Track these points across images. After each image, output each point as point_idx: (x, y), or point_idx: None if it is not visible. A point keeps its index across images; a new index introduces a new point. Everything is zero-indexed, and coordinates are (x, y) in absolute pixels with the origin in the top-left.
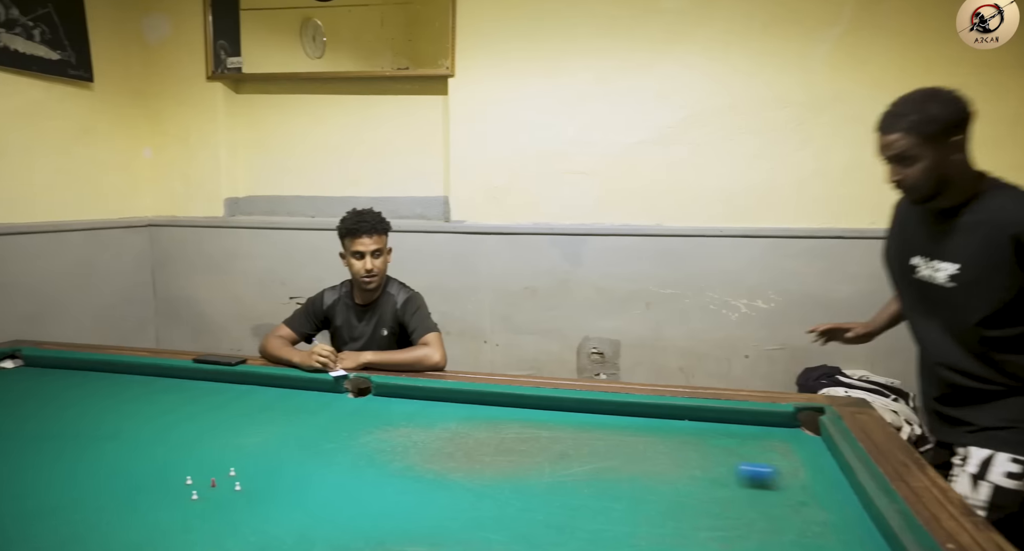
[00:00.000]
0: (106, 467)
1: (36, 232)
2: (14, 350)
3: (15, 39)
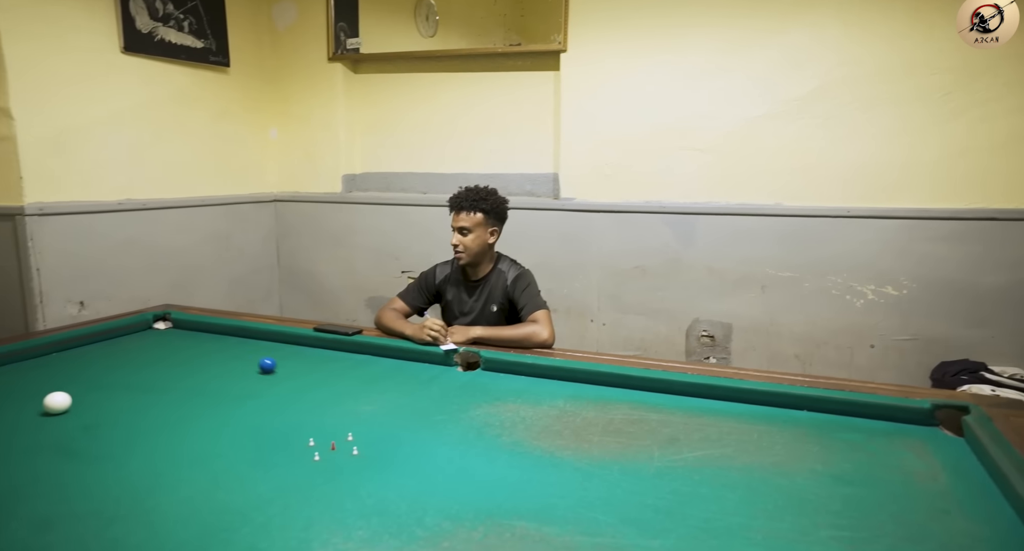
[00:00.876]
0: (241, 424)
1: (182, 206)
2: (165, 313)
3: (169, 31)
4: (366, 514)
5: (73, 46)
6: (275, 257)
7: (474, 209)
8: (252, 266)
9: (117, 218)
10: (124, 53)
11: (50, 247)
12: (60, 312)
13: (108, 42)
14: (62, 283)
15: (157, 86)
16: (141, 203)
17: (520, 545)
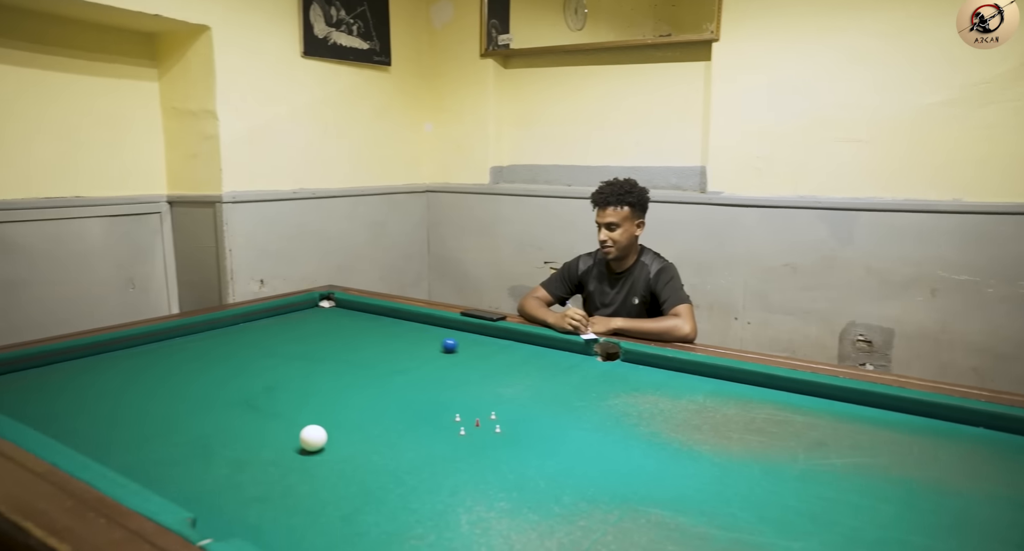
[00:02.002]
0: (394, 396)
1: (346, 195)
2: (330, 293)
3: (340, 35)
4: (507, 488)
5: (264, 53)
6: (425, 245)
7: (621, 203)
8: (404, 252)
9: (292, 206)
10: (303, 57)
11: (239, 231)
12: (245, 288)
13: (291, 48)
14: (248, 263)
15: (328, 86)
16: (312, 192)
17: (655, 531)
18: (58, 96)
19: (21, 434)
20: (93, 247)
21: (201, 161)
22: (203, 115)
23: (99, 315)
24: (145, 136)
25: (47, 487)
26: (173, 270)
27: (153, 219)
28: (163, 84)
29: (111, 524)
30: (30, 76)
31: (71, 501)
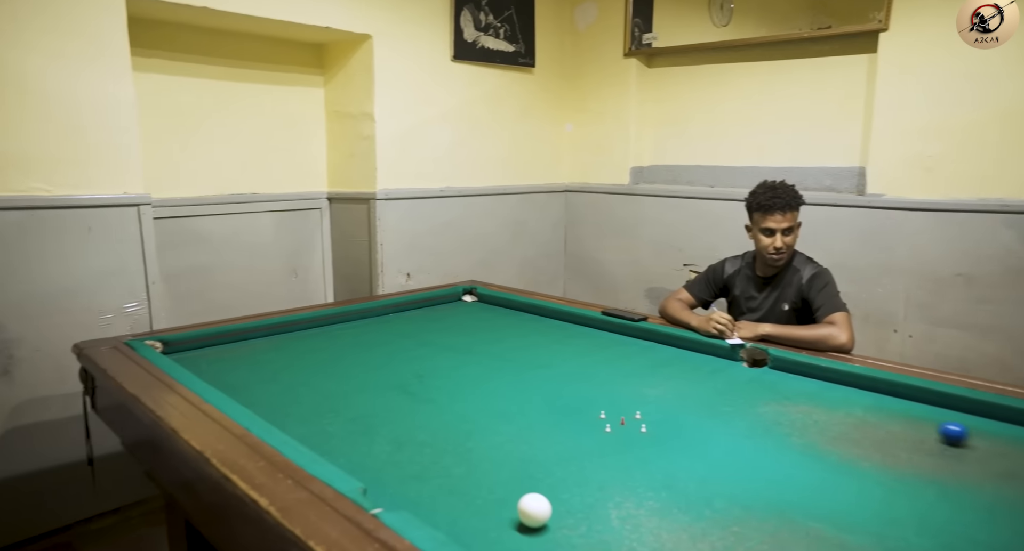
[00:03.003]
0: (539, 390)
1: (488, 194)
2: (472, 287)
3: (488, 39)
4: (655, 487)
5: (417, 58)
6: (562, 244)
7: (793, 207)
8: (542, 251)
9: (438, 203)
10: (453, 61)
11: (390, 226)
12: (393, 280)
13: (442, 52)
14: (396, 256)
15: (474, 88)
16: (458, 191)
17: (816, 546)
18: (239, 104)
19: (221, 400)
20: (264, 239)
21: (358, 160)
22: (361, 117)
23: (268, 300)
24: (311, 138)
25: (244, 448)
26: (330, 262)
27: (314, 214)
28: (328, 90)
29: (297, 485)
30: (215, 87)
31: (263, 462)
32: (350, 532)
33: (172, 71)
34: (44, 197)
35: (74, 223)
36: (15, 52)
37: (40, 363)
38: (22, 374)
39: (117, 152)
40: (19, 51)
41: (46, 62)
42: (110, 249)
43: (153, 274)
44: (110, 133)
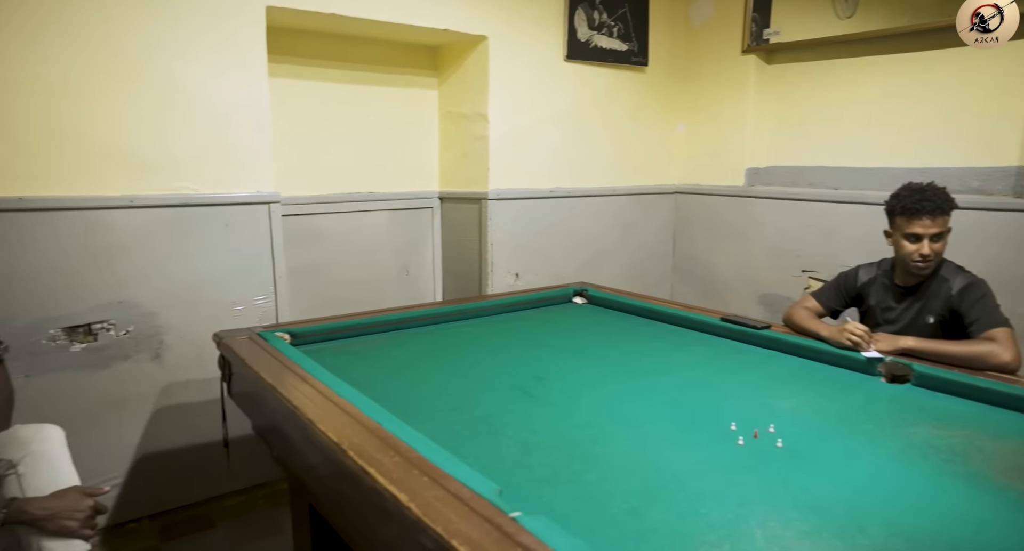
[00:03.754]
0: (661, 397)
1: (597, 195)
2: (583, 289)
3: (602, 38)
4: (800, 508)
5: (530, 58)
6: (671, 246)
7: (944, 211)
8: (649, 253)
9: (547, 204)
10: (566, 61)
11: (500, 226)
12: (502, 280)
13: (555, 52)
14: (505, 256)
15: (586, 88)
16: (567, 191)
17: None
18: (358, 106)
19: (352, 394)
20: (378, 237)
21: (470, 160)
22: (475, 118)
23: (380, 296)
24: (424, 138)
25: (377, 442)
26: (439, 260)
27: (426, 213)
28: (442, 91)
29: (433, 483)
30: (337, 90)
31: (398, 457)
32: (491, 534)
33: (299, 75)
34: (190, 196)
35: (214, 220)
36: (170, 62)
37: (183, 349)
38: (170, 358)
39: (252, 153)
40: (173, 62)
41: (195, 71)
42: (244, 244)
43: (280, 269)
44: (247, 136)
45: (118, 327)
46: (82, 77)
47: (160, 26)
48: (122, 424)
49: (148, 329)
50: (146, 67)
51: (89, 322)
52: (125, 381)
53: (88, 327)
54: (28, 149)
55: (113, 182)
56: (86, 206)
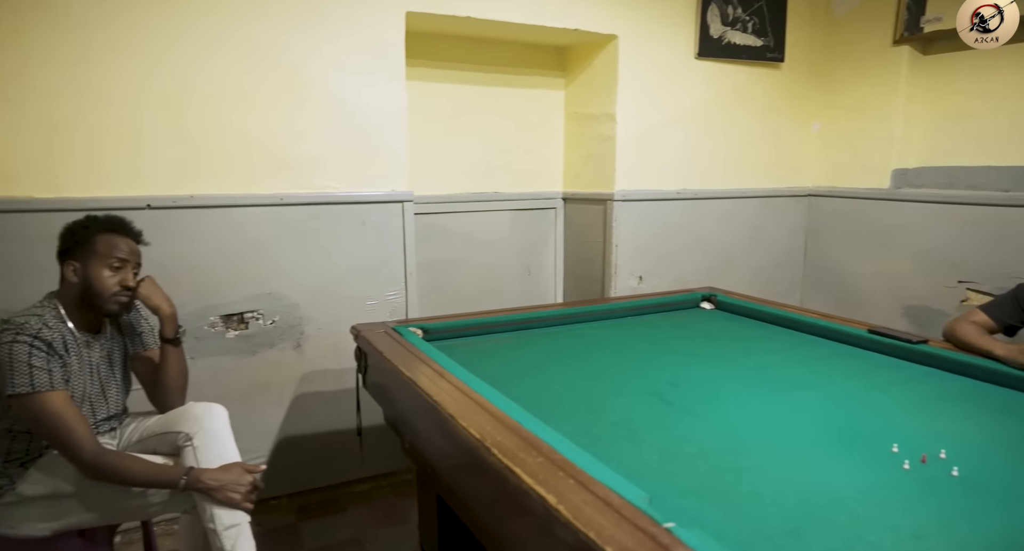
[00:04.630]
0: (807, 411)
1: (724, 198)
2: (711, 294)
3: (735, 34)
4: (992, 547)
5: (660, 57)
6: (802, 252)
7: None
8: (777, 259)
9: (673, 206)
10: (696, 58)
11: (625, 228)
12: (625, 283)
13: (685, 50)
14: (629, 259)
15: (716, 86)
16: (693, 193)
17: None
18: (485, 107)
19: (489, 392)
20: (502, 237)
21: (596, 161)
22: (602, 118)
23: (502, 295)
24: (549, 139)
25: (519, 441)
26: (561, 261)
27: (549, 214)
28: (568, 91)
29: (580, 486)
30: (466, 92)
31: (541, 458)
32: (645, 544)
33: (430, 78)
34: (332, 194)
35: (353, 217)
36: (318, 69)
37: (321, 340)
38: (309, 348)
39: (389, 154)
40: (321, 68)
41: (340, 77)
42: (378, 241)
43: (411, 265)
44: (385, 137)
45: (266, 317)
46: (242, 84)
47: (310, 36)
48: (267, 407)
49: (291, 320)
50: (297, 74)
51: (242, 311)
52: (270, 367)
53: (241, 316)
54: (198, 151)
55: (265, 181)
56: (243, 203)
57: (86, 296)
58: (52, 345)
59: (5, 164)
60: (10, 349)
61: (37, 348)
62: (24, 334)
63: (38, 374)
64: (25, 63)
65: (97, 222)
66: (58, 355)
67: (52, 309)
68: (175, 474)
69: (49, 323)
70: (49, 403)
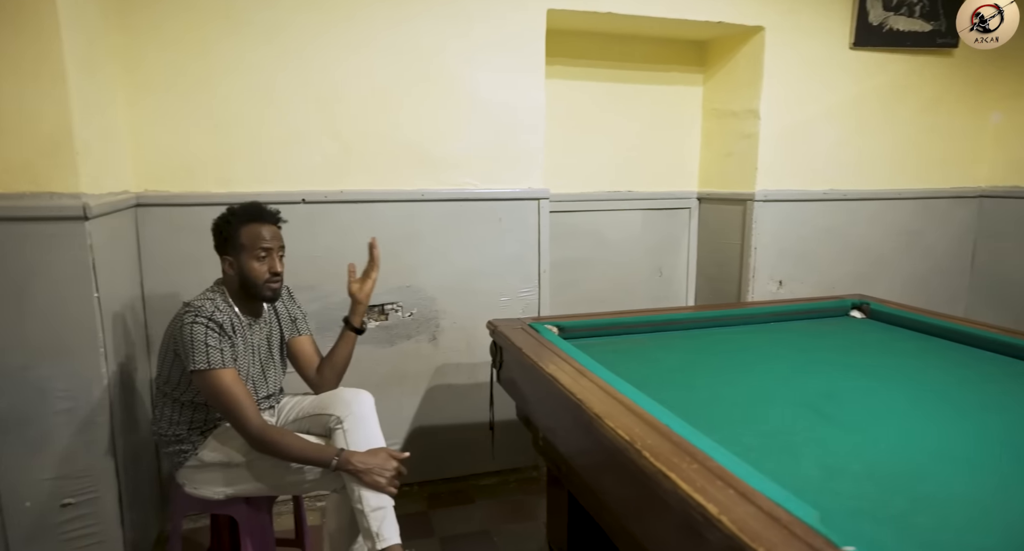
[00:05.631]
0: (995, 438)
1: (877, 199)
2: (863, 302)
3: (899, 19)
4: None
5: (810, 48)
6: (968, 259)
7: None
8: (938, 266)
9: (819, 207)
10: (851, 49)
11: (766, 230)
12: (764, 287)
13: (839, 40)
14: (769, 262)
15: (873, 78)
16: (842, 194)
17: None
18: (620, 105)
19: (633, 393)
20: (633, 236)
21: (735, 160)
22: (744, 115)
23: (632, 296)
24: (684, 137)
25: (671, 446)
26: (694, 263)
27: (683, 214)
28: (707, 87)
29: (741, 498)
30: (601, 89)
31: (696, 464)
32: None
33: (565, 75)
34: (470, 190)
35: (490, 214)
36: (461, 68)
37: (455, 334)
38: (444, 341)
39: (527, 151)
40: (463, 67)
41: (482, 75)
42: (514, 238)
43: (544, 263)
44: (523, 134)
45: (404, 309)
46: (388, 85)
47: (454, 36)
48: (403, 397)
49: (428, 313)
50: (441, 73)
51: (383, 303)
52: (407, 358)
53: (382, 307)
54: (347, 149)
55: (407, 177)
56: (386, 199)
57: (243, 286)
58: (223, 327)
59: (189, 162)
60: (191, 329)
61: (211, 329)
62: (201, 316)
63: (212, 352)
64: (208, 71)
65: (236, 215)
66: (227, 336)
67: (221, 294)
68: (328, 453)
69: (220, 307)
70: (222, 379)
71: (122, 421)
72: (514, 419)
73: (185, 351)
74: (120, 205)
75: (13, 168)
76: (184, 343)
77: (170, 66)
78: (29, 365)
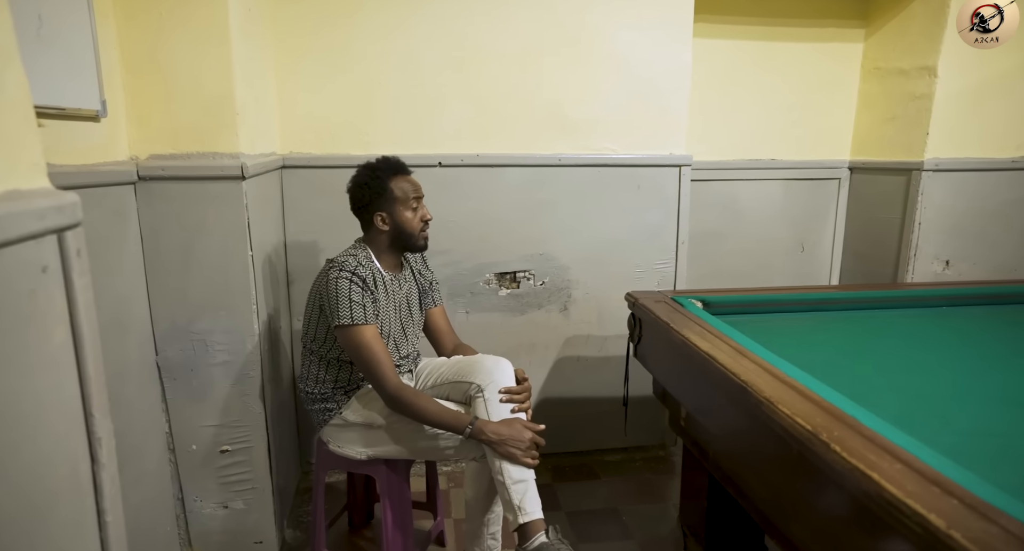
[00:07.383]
0: None
1: None
2: None
3: None
4: None
5: None
6: None
7: None
8: None
9: (1005, 177)
10: None
11: (933, 203)
12: (926, 268)
13: None
14: (934, 240)
15: None
16: None
17: None
18: (769, 66)
19: (806, 378)
20: (774, 208)
21: (900, 124)
22: (916, 73)
23: (771, 272)
24: (838, 100)
25: (864, 440)
26: (841, 238)
27: (831, 185)
28: (868, 44)
29: (968, 509)
30: (749, 48)
31: (899, 464)
32: None
33: (708, 34)
34: (609, 156)
35: (628, 180)
36: (603, 27)
37: (587, 305)
38: (575, 312)
39: (668, 115)
40: (606, 26)
41: (625, 34)
42: (653, 207)
43: (683, 234)
44: (666, 97)
45: (536, 278)
46: (528, 46)
47: None
48: (531, 367)
49: (560, 282)
50: (582, 33)
51: (515, 270)
52: (536, 328)
53: (513, 275)
54: (485, 111)
55: (545, 141)
56: (523, 163)
57: (398, 238)
58: (365, 281)
59: (331, 126)
60: (336, 284)
61: (355, 283)
62: (345, 270)
63: (356, 308)
64: (351, 35)
65: (381, 170)
66: (370, 291)
67: (363, 251)
68: (463, 421)
69: (362, 262)
70: (363, 335)
71: (270, 375)
72: (643, 396)
73: (330, 306)
74: (269, 166)
75: (182, 129)
76: (329, 298)
77: (315, 32)
78: (193, 319)
